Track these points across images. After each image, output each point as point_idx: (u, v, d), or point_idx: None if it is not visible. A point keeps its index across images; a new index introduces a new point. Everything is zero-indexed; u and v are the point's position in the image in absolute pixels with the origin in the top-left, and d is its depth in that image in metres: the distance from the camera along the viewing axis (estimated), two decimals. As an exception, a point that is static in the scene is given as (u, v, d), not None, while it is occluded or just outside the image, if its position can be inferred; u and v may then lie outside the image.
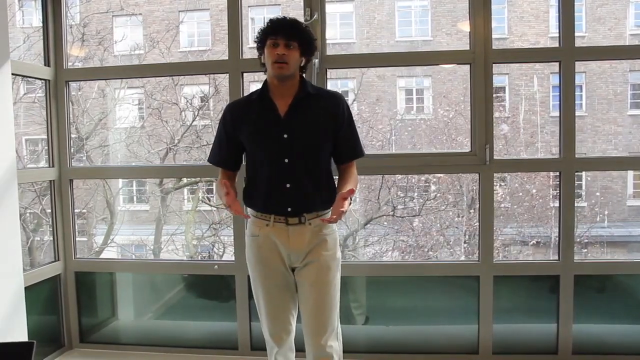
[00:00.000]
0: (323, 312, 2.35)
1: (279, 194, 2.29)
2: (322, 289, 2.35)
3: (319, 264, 2.33)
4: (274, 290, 2.37)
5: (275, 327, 2.41)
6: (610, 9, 10.88)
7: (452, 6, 10.53)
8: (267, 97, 2.32)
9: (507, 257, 8.97)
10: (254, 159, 2.36)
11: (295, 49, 2.25)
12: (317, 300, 2.34)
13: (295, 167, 2.28)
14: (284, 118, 2.29)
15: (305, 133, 2.29)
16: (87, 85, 8.96)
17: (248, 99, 2.42)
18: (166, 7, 10.55)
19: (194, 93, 9.23)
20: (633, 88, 11.04)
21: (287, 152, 2.27)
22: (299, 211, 2.29)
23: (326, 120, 2.33)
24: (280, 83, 2.30)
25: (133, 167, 6.32)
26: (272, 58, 2.24)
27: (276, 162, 2.28)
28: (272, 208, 2.32)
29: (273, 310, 2.39)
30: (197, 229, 9.16)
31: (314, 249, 2.33)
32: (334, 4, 10.27)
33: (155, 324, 3.88)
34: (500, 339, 3.37)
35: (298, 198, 2.29)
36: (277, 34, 2.25)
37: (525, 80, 10.65)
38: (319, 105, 2.34)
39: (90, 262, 4.06)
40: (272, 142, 2.28)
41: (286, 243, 2.31)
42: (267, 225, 2.33)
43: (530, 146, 10.34)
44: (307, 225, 2.31)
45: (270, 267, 2.36)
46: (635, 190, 11.12)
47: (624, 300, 3.49)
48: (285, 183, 2.28)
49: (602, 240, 10.05)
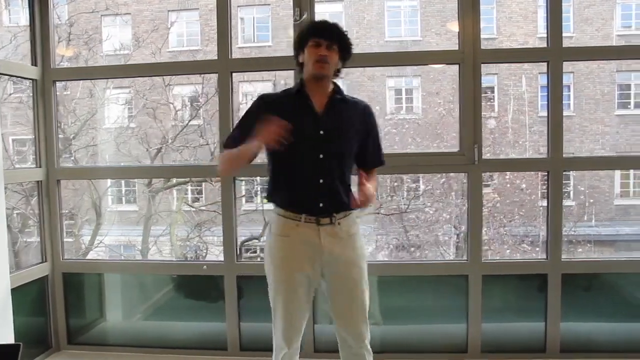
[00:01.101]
0: (359, 312, 2.40)
1: (311, 189, 2.32)
2: (355, 289, 2.39)
3: (351, 264, 2.38)
4: (296, 293, 2.37)
5: (290, 330, 2.40)
6: (598, 10, 10.95)
7: (441, 6, 10.56)
8: (304, 93, 2.37)
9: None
10: (286, 155, 2.31)
11: (336, 51, 2.33)
12: (354, 301, 2.39)
13: (329, 163, 2.33)
14: (321, 115, 2.35)
15: (340, 132, 2.35)
16: (74, 85, 8.90)
17: (284, 93, 2.47)
18: (155, 6, 10.50)
19: (185, 93, 9.22)
20: (620, 88, 11.12)
21: (323, 148, 2.32)
22: (330, 209, 2.32)
23: (358, 124, 2.41)
24: (317, 82, 2.36)
25: (121, 167, 6.30)
26: (314, 57, 2.31)
27: (311, 157, 2.32)
28: (304, 204, 2.34)
29: (291, 313, 2.39)
30: (182, 230, 9.13)
31: (345, 249, 2.36)
32: (323, 4, 10.25)
33: (144, 324, 3.87)
34: (489, 338, 3.38)
35: (330, 194, 2.32)
36: (320, 35, 2.32)
37: (513, 80, 10.70)
38: (352, 109, 2.42)
39: (78, 263, 4.04)
40: (308, 137, 2.31)
41: (318, 244, 2.33)
42: (297, 225, 2.34)
43: (518, 146, 10.39)
44: (336, 225, 2.34)
45: (298, 268, 2.35)
46: (622, 189, 11.20)
47: (611, 299, 3.53)
48: (319, 178, 2.32)
49: (589, 239, 10.12)
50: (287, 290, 2.37)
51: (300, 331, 2.43)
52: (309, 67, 2.33)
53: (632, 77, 11.17)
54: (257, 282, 3.56)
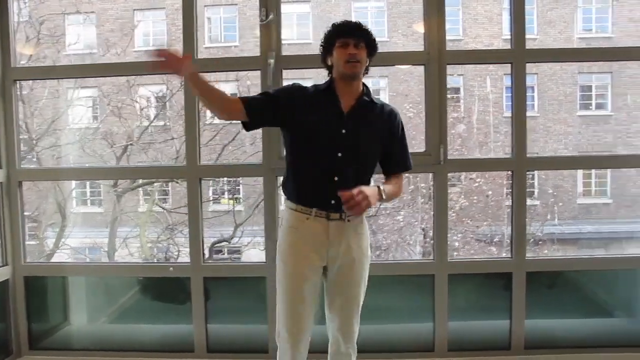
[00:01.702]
0: (354, 310, 2.45)
1: (325, 186, 2.32)
2: (354, 287, 2.44)
3: (355, 263, 2.40)
4: (302, 286, 2.37)
5: (295, 323, 2.40)
6: (560, 13, 11.18)
7: (407, 7, 10.66)
8: (333, 91, 2.39)
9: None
10: (305, 149, 2.38)
11: (364, 48, 2.34)
12: (351, 299, 2.44)
13: (346, 162, 2.33)
14: (347, 114, 2.36)
15: (363, 133, 2.36)
16: (38, 86, 8.72)
17: (314, 87, 2.46)
18: (120, 5, 10.36)
19: (150, 93, 9.12)
20: (582, 90, 11.38)
21: (342, 146, 2.33)
22: (341, 206, 2.29)
23: (383, 128, 2.42)
24: (347, 83, 2.37)
25: (85, 168, 6.19)
26: (344, 57, 2.32)
27: (329, 154, 2.33)
28: (316, 200, 2.35)
29: (296, 306, 2.39)
30: (152, 232, 9.03)
31: (350, 247, 2.38)
32: (290, 4, 10.25)
33: (109, 328, 3.81)
34: (455, 336, 3.41)
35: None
36: (346, 35, 2.33)
37: (479, 81, 10.86)
38: (378, 112, 2.43)
39: (40, 266, 3.95)
40: (330, 133, 2.34)
41: (325, 239, 2.35)
42: (307, 219, 2.36)
43: (484, 146, 10.52)
44: (346, 222, 2.36)
45: (304, 260, 2.37)
46: (584, 188, 11.45)
47: (574, 296, 3.60)
48: (334, 175, 2.33)
49: (553, 237, 10.31)
50: (294, 280, 2.38)
51: (306, 330, 2.42)
52: (340, 68, 2.35)
53: (593, 79, 11.44)
54: (225, 284, 3.58)
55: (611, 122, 11.40)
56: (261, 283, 3.37)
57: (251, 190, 9.21)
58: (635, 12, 11.25)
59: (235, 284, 3.60)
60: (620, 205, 11.34)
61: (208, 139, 8.43)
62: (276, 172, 3.29)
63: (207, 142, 8.42)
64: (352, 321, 2.45)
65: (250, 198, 9.23)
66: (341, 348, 2.48)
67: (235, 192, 9.72)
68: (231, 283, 3.59)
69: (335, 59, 2.36)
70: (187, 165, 3.40)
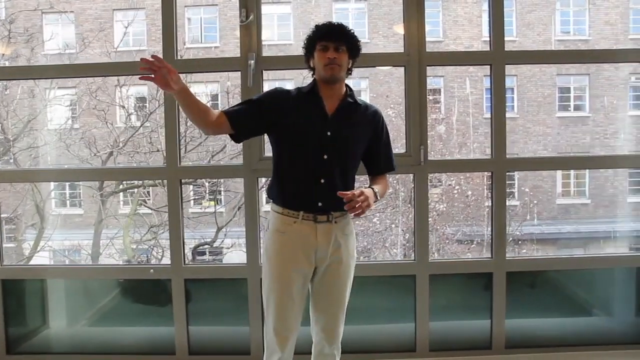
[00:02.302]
0: (340, 310, 2.46)
1: (312, 189, 2.33)
2: (341, 288, 2.44)
3: (341, 264, 2.41)
4: (290, 289, 2.36)
5: (283, 327, 2.39)
6: (539, 15, 11.30)
7: (388, 9, 10.69)
8: (316, 93, 2.38)
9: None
10: (290, 152, 2.37)
11: (345, 52, 2.33)
12: (337, 299, 2.45)
13: (332, 164, 2.34)
14: (331, 116, 2.35)
15: (348, 134, 2.36)
16: (14, 85, 8.61)
17: (297, 90, 2.44)
18: (99, 4, 10.27)
19: (132, 94, 9.05)
20: (560, 91, 11.52)
21: (328, 148, 2.33)
22: (328, 208, 2.33)
23: (367, 128, 2.43)
24: (329, 85, 2.37)
25: (65, 169, 6.13)
26: (323, 61, 2.31)
27: (315, 157, 2.33)
28: (303, 203, 2.34)
29: (285, 309, 2.38)
30: (135, 233, 8.94)
31: (338, 248, 2.38)
32: (270, 5, 10.24)
33: (89, 331, 3.76)
34: (436, 336, 3.42)
35: (330, 194, 2.29)
36: (326, 38, 2.32)
37: (459, 82, 10.93)
38: (362, 113, 2.43)
39: (18, 269, 3.90)
40: (315, 136, 2.33)
41: (314, 241, 2.34)
42: (294, 222, 2.35)
43: (464, 147, 10.60)
44: (333, 223, 2.36)
45: (293, 264, 2.35)
46: (563, 189, 11.57)
47: (554, 295, 3.64)
48: (320, 178, 2.33)
49: (532, 237, 10.41)
50: (282, 284, 2.37)
51: (295, 328, 2.43)
52: (320, 71, 2.34)
53: (572, 81, 11.58)
54: (206, 285, 3.56)
55: (589, 123, 11.55)
56: (242, 285, 3.36)
57: (232, 192, 9.17)
58: (611, 15, 11.42)
59: (216, 286, 3.58)
60: (598, 206, 11.49)
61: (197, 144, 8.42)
62: (257, 173, 3.29)
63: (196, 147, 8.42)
64: (338, 322, 2.46)
65: (232, 200, 9.19)
66: (325, 349, 2.48)
67: (217, 193, 9.68)
68: (212, 285, 3.57)
69: (315, 62, 2.36)
70: (167, 166, 3.37)
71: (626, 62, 7.66)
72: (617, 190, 11.39)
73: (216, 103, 9.02)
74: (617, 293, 3.67)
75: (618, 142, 11.29)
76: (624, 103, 11.52)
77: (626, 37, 11.32)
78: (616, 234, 10.91)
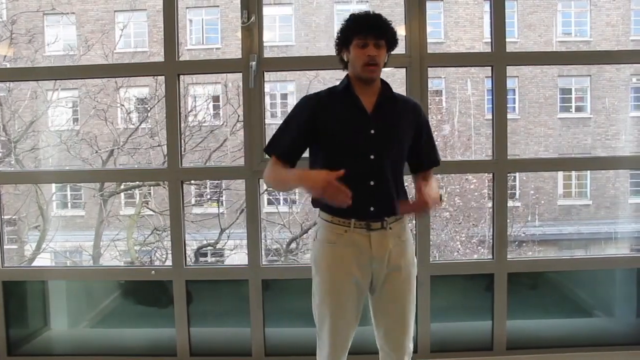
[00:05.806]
0: (406, 323, 2.28)
1: (361, 192, 2.09)
2: (404, 300, 2.26)
3: (402, 273, 2.24)
4: (344, 307, 2.22)
5: (338, 349, 2.28)
6: (540, 17, 11.31)
7: (389, 10, 10.65)
8: (352, 92, 2.23)
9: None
10: (334, 155, 2.19)
11: (384, 47, 2.19)
12: (402, 313, 2.27)
13: (380, 164, 2.18)
14: (371, 114, 2.20)
15: (392, 131, 2.21)
16: (17, 87, 8.62)
17: (330, 91, 2.31)
18: (101, 6, 10.28)
19: (134, 94, 9.06)
20: (562, 92, 11.52)
21: (374, 147, 2.17)
22: (381, 213, 2.18)
23: (409, 123, 2.27)
24: (365, 82, 2.22)
25: (67, 171, 6.13)
26: (362, 60, 2.15)
27: (361, 158, 2.17)
28: (353, 209, 2.08)
29: (339, 330, 2.24)
30: (139, 235, 8.95)
31: (396, 257, 2.22)
32: (272, 7, 10.25)
33: (91, 332, 3.77)
34: (437, 337, 3.42)
35: (381, 197, 2.18)
36: (366, 33, 2.15)
37: (461, 83, 10.93)
38: (401, 108, 2.28)
39: (19, 271, 3.90)
40: (358, 136, 2.18)
41: (368, 251, 2.17)
42: (346, 231, 2.18)
43: (466, 148, 10.60)
44: (388, 230, 2.19)
45: (345, 275, 2.19)
46: (565, 190, 11.57)
47: (555, 296, 3.63)
48: (369, 180, 2.17)
49: (534, 238, 10.40)
50: (336, 299, 2.22)
51: (348, 345, 2.30)
52: (357, 70, 2.19)
53: (573, 82, 11.57)
54: (207, 287, 3.56)
55: (590, 124, 11.55)
56: (244, 286, 3.36)
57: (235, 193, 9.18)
58: (612, 16, 11.42)
59: (217, 287, 3.58)
60: (599, 207, 11.48)
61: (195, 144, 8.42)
62: (258, 174, 3.29)
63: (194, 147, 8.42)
64: (406, 338, 2.29)
65: (236, 202, 9.20)
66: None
67: (220, 194, 9.68)
68: (214, 286, 3.57)
69: (352, 58, 2.19)
70: (168, 167, 3.37)
71: (627, 63, 7.67)
72: (619, 192, 11.39)
73: (217, 104, 9.04)
74: (618, 294, 3.67)
75: (619, 144, 11.29)
76: (625, 104, 11.52)
77: (627, 38, 11.33)
78: (617, 235, 10.90)
